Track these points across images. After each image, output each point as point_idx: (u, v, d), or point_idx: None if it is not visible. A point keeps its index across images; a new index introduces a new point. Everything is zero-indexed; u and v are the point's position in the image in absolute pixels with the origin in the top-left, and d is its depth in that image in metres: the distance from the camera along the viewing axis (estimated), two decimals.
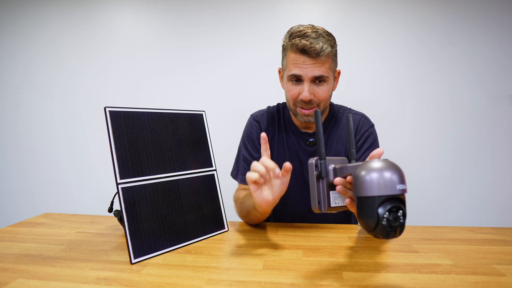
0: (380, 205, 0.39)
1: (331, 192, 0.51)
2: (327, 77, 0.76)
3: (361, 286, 0.46)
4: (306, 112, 0.79)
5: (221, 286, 0.47)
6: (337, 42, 0.79)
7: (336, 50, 0.78)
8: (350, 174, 0.47)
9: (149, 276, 0.50)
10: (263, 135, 0.60)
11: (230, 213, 0.82)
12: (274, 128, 0.90)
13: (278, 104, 0.95)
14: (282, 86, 0.87)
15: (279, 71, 0.88)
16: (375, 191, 0.39)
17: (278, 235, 0.69)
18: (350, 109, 0.94)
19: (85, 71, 1.82)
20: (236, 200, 0.83)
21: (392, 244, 0.64)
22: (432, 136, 1.61)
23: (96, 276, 0.50)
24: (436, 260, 0.55)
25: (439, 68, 1.59)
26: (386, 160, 0.41)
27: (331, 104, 0.93)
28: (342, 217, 0.92)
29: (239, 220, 0.82)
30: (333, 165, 0.51)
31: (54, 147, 1.87)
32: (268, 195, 0.60)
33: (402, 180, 0.40)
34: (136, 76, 1.78)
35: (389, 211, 0.39)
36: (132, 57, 1.78)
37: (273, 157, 0.89)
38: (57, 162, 1.88)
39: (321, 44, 0.72)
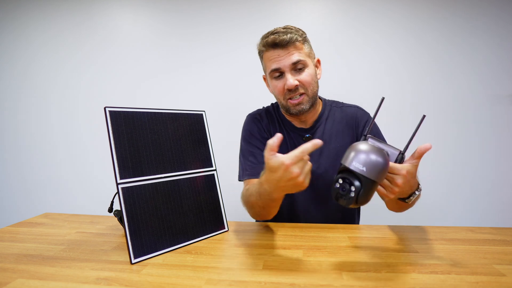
0: (340, 172, 0.49)
1: None
2: (305, 61, 0.79)
3: (361, 286, 0.46)
4: (296, 101, 0.81)
5: (221, 286, 0.47)
6: (337, 42, 0.81)
7: (306, 38, 0.82)
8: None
9: (149, 276, 0.50)
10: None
11: (230, 213, 0.82)
12: (275, 126, 0.92)
13: (272, 103, 0.97)
14: (271, 91, 0.89)
15: (264, 79, 0.91)
16: (342, 159, 0.49)
17: (278, 235, 0.69)
18: (342, 103, 0.95)
19: (84, 71, 1.82)
20: (244, 196, 0.78)
21: (392, 244, 0.64)
22: (432, 136, 1.61)
23: (96, 276, 0.50)
24: (436, 260, 0.55)
25: (440, 68, 1.59)
26: (372, 146, 0.47)
27: (323, 100, 0.93)
28: (344, 217, 0.92)
29: (239, 220, 0.82)
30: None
31: (53, 147, 1.87)
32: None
33: (362, 162, 0.46)
34: (136, 75, 1.78)
35: (343, 179, 0.48)
36: (132, 57, 1.78)
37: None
38: (56, 162, 1.88)
39: (289, 35, 0.77)
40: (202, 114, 0.74)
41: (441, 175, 1.62)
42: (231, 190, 1.01)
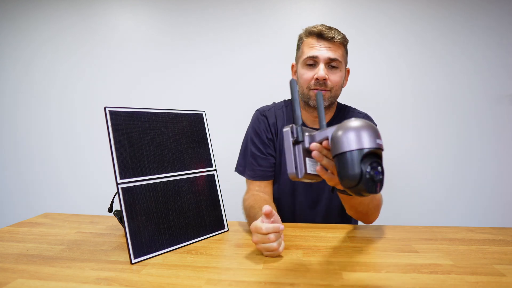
0: (361, 160, 0.39)
1: (307, 158, 0.48)
2: (341, 62, 0.81)
3: (361, 286, 0.46)
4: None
5: (221, 286, 0.47)
6: None
7: (347, 46, 0.85)
8: (326, 139, 0.46)
9: (149, 276, 0.50)
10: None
11: (230, 213, 0.82)
12: (282, 123, 0.91)
13: (285, 100, 0.96)
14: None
15: (292, 66, 0.92)
16: (355, 145, 0.39)
17: None
18: (354, 108, 0.95)
19: (84, 70, 1.82)
20: (245, 208, 0.80)
21: (392, 244, 0.64)
22: (432, 136, 1.61)
23: (96, 276, 0.50)
24: (436, 260, 0.55)
25: (440, 68, 1.59)
26: (359, 119, 0.43)
27: (338, 104, 0.93)
28: (342, 219, 0.92)
29: (239, 220, 0.82)
30: (307, 133, 0.49)
31: (52, 146, 1.87)
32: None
33: (379, 135, 0.41)
34: (135, 75, 1.78)
35: (371, 165, 0.39)
36: (131, 56, 1.78)
37: (282, 152, 0.90)
38: (56, 162, 1.87)
39: (336, 32, 0.81)
40: (202, 114, 0.74)
41: (441, 175, 1.62)
42: (231, 190, 1.01)
